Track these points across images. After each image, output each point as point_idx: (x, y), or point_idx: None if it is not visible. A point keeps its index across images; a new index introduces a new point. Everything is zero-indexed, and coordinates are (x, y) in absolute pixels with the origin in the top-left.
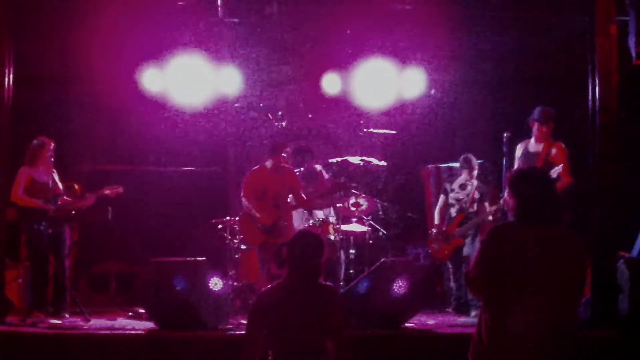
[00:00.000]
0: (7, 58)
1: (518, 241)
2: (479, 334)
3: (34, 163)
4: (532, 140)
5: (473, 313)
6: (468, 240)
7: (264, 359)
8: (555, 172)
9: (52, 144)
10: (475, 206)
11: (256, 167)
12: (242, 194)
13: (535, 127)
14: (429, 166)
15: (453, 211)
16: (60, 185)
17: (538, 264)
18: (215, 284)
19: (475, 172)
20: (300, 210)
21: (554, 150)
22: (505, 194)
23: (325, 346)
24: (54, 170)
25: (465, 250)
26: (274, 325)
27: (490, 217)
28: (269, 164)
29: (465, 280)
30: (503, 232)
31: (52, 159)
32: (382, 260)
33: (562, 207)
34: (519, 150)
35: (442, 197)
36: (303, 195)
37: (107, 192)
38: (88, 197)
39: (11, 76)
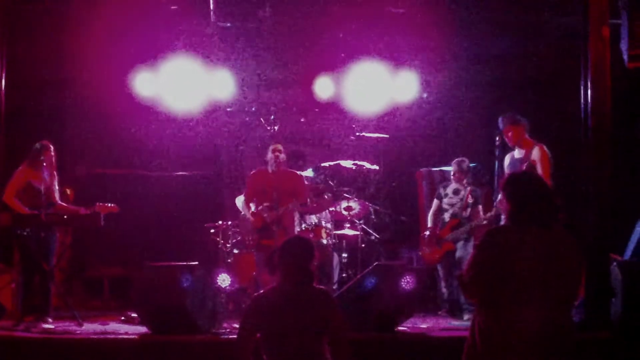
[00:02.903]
0: (0, 62)
1: (513, 244)
2: (472, 337)
3: (33, 166)
4: (516, 147)
5: (466, 316)
6: (460, 244)
7: None
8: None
9: (53, 148)
10: (468, 211)
11: (258, 169)
12: (244, 195)
13: (505, 137)
14: (422, 170)
15: (447, 216)
16: (57, 193)
17: (533, 267)
18: (224, 280)
19: (468, 176)
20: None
21: (534, 153)
22: (500, 198)
23: (320, 349)
24: (55, 175)
25: (458, 254)
26: (267, 329)
27: (485, 222)
28: (267, 166)
29: (460, 284)
30: (497, 236)
31: (54, 163)
32: (375, 263)
33: (556, 210)
34: (506, 160)
35: (435, 202)
36: (307, 200)
37: (99, 210)
38: (81, 210)
39: (3, 81)
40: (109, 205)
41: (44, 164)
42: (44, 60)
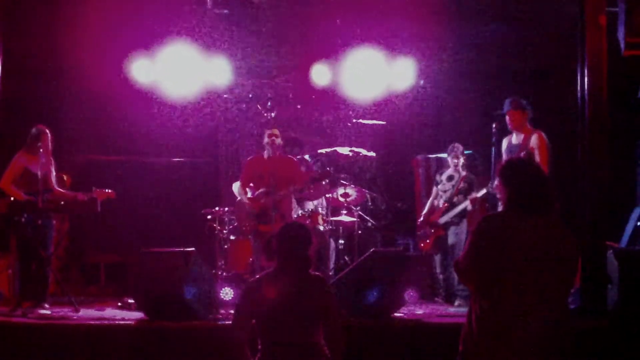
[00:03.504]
0: None
1: (509, 231)
2: (469, 324)
3: (30, 151)
4: (514, 132)
5: (457, 302)
6: (451, 230)
7: (253, 348)
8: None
9: (49, 133)
10: (460, 197)
11: (254, 155)
12: (240, 180)
13: (507, 119)
14: (418, 157)
15: (440, 202)
16: (54, 179)
17: (529, 254)
18: (227, 293)
19: (461, 161)
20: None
21: (532, 140)
22: (495, 184)
23: (315, 336)
24: (52, 161)
25: (450, 240)
26: (262, 315)
27: (470, 207)
28: (264, 152)
29: (456, 270)
30: (494, 222)
31: (50, 148)
32: (371, 250)
33: (553, 197)
34: (504, 144)
35: (434, 189)
36: (299, 185)
37: (96, 195)
38: (79, 196)
39: None
40: (107, 190)
41: (41, 149)
42: (40, 48)
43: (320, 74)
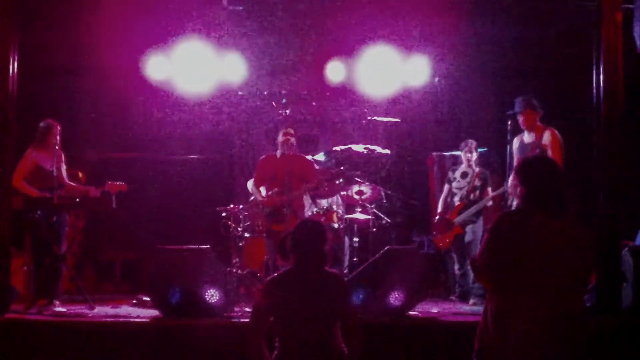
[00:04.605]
0: (12, 47)
1: (526, 229)
2: (485, 322)
3: (41, 146)
4: (526, 131)
5: (472, 301)
6: (469, 228)
7: (270, 346)
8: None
9: (59, 127)
10: (476, 194)
11: (266, 155)
12: (253, 180)
13: (519, 118)
14: (433, 154)
15: (455, 200)
16: (65, 173)
17: (545, 252)
18: (212, 295)
19: (474, 156)
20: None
21: (545, 137)
22: (510, 182)
23: (332, 333)
24: (63, 156)
25: (467, 238)
26: (280, 313)
27: (490, 203)
28: (276, 151)
29: (472, 268)
30: (510, 220)
31: (59, 142)
32: (386, 248)
33: (569, 196)
34: (515, 143)
35: (446, 186)
36: (312, 184)
37: (109, 189)
38: (91, 190)
39: (16, 65)
40: (119, 183)
41: (56, 146)
42: (56, 45)
43: (335, 71)
